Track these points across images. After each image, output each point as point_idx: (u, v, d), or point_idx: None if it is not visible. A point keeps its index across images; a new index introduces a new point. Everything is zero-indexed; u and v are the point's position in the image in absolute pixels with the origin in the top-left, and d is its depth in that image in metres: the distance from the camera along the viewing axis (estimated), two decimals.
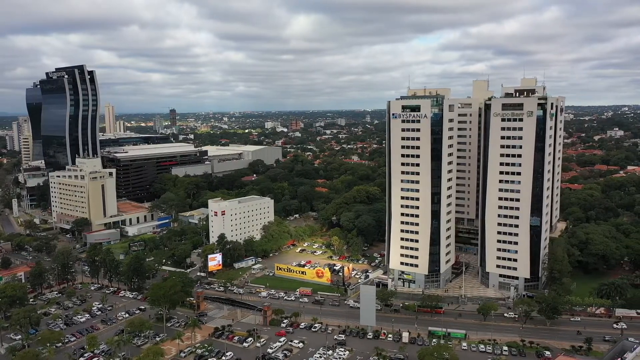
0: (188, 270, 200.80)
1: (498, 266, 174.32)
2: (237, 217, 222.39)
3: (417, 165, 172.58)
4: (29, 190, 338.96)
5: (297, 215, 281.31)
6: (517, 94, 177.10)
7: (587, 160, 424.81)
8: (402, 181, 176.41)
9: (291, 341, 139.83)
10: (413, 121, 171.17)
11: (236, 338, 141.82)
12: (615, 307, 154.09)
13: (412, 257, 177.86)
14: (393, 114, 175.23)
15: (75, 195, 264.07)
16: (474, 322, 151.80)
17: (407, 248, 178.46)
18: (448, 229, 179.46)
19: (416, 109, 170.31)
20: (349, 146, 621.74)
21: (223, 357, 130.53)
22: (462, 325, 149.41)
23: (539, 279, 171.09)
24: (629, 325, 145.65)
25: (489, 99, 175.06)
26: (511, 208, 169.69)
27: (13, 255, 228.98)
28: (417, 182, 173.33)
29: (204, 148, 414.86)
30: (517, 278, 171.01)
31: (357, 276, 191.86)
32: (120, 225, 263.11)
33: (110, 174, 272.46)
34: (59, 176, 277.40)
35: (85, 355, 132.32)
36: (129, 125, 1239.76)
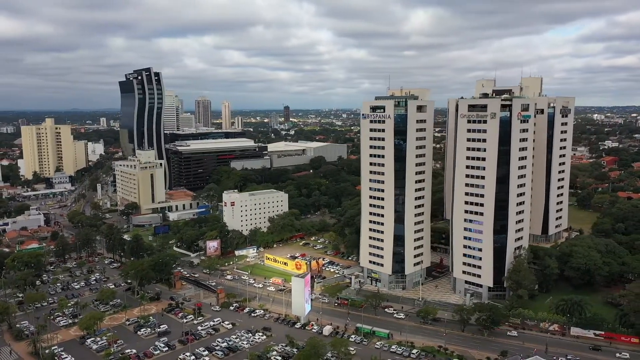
0: (195, 254, 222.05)
1: (464, 272, 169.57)
2: (246, 209, 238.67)
3: (382, 165, 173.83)
4: (114, 176, 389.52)
5: (325, 210, 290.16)
6: (495, 94, 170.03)
7: None
8: (370, 180, 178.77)
9: (223, 322, 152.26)
10: (379, 121, 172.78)
11: (180, 314, 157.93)
12: (571, 325, 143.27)
13: (378, 256, 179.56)
14: (363, 115, 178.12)
15: (130, 182, 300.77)
16: (414, 325, 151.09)
17: (374, 247, 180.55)
18: (418, 231, 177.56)
19: (382, 109, 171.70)
20: (439, 145, 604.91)
21: (157, 329, 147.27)
22: (398, 326, 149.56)
23: (506, 288, 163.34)
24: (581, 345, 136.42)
25: (460, 99, 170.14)
26: (476, 213, 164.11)
27: (70, 230, 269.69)
28: (382, 182, 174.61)
29: (268, 144, 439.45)
30: (481, 286, 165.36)
31: (335, 271, 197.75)
32: (165, 211, 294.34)
33: (160, 164, 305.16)
34: (120, 165, 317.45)
35: (56, 314, 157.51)
36: (253, 121, 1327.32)
